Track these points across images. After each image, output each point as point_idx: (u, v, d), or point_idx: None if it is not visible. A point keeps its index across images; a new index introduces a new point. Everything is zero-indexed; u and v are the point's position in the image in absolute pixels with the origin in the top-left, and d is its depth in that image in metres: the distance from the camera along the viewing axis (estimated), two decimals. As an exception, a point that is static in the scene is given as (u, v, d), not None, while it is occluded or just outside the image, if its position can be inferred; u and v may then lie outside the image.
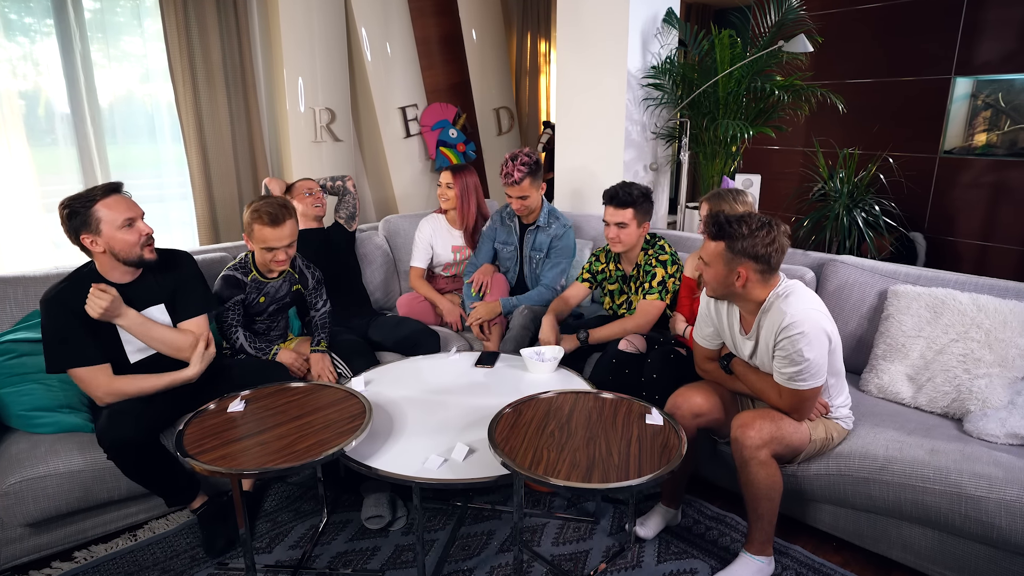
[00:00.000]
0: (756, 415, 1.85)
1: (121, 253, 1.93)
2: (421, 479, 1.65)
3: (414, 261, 3.08)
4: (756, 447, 1.80)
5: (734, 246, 1.77)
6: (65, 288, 1.92)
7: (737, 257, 1.77)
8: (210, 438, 1.68)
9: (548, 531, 2.13)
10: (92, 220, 1.87)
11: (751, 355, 1.93)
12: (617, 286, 2.62)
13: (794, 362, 1.76)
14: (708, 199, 2.27)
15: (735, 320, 1.96)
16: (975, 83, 3.91)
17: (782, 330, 1.76)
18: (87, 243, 1.90)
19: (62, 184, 3.26)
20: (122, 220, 1.90)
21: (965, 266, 4.06)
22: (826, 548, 2.07)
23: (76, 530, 2.03)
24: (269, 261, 2.31)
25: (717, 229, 1.80)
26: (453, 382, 2.22)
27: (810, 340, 1.73)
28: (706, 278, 1.87)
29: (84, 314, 1.90)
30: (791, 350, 1.75)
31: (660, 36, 3.48)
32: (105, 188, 1.92)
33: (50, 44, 3.14)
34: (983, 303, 2.12)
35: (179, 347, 2.03)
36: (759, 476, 1.81)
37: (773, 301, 1.82)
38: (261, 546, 2.07)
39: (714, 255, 1.81)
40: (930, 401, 2.13)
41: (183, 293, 2.10)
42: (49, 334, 1.89)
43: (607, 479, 1.50)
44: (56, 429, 2.02)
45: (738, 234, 1.76)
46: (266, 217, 2.23)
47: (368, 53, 3.98)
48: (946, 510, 1.75)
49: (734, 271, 1.79)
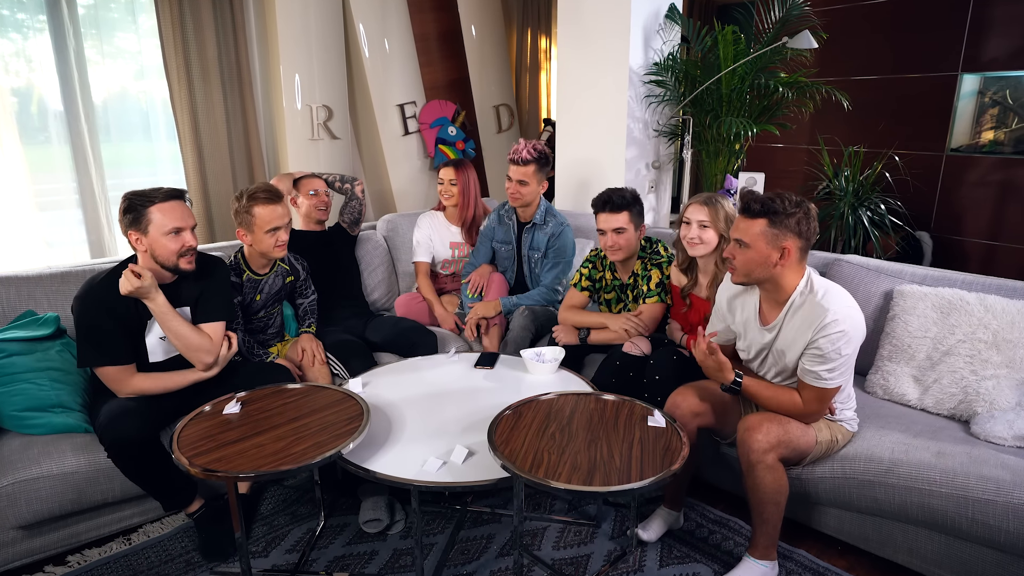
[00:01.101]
0: (763, 418, 1.84)
1: (160, 257, 1.97)
2: (420, 482, 1.65)
3: (419, 257, 3.07)
4: (763, 450, 1.79)
5: (779, 221, 1.74)
6: (101, 286, 1.96)
7: (782, 233, 1.75)
8: (206, 440, 1.68)
9: (549, 535, 2.13)
10: (144, 219, 1.93)
11: (766, 349, 1.92)
12: (614, 295, 2.59)
13: (828, 359, 1.76)
14: (704, 203, 2.21)
15: (752, 311, 1.94)
16: (982, 80, 3.91)
17: (822, 327, 1.74)
18: (133, 240, 1.96)
19: (55, 183, 3.26)
20: (171, 227, 1.95)
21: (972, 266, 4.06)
22: (831, 552, 2.07)
23: (69, 533, 2.02)
24: (272, 246, 2.33)
25: (760, 206, 1.75)
26: (452, 384, 2.22)
27: (850, 338, 1.75)
28: (741, 261, 1.81)
29: (117, 311, 1.95)
30: (829, 348, 1.74)
31: (662, 32, 3.48)
32: (167, 192, 1.98)
33: (43, 40, 3.13)
34: (991, 303, 2.12)
35: (194, 345, 2.05)
36: (765, 480, 1.81)
37: (807, 297, 1.80)
38: (257, 550, 2.07)
39: (756, 234, 1.77)
40: (936, 403, 2.13)
41: (207, 297, 2.14)
42: (83, 331, 1.94)
43: (608, 482, 1.50)
44: (49, 430, 2.02)
45: (781, 209, 1.74)
46: (264, 195, 2.31)
47: (366, 49, 3.98)
48: (953, 513, 1.75)
49: (778, 248, 1.76)
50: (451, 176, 3.00)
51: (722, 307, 2.05)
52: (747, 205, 1.78)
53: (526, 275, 2.97)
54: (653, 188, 3.68)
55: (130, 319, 1.99)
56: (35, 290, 2.31)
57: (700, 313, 2.31)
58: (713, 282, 2.25)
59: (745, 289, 1.98)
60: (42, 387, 2.06)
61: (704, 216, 2.19)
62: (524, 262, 2.95)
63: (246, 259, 2.43)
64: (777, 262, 1.78)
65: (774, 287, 1.85)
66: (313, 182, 2.84)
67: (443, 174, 3.03)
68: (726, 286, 2.04)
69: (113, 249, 3.41)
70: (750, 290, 1.97)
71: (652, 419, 1.79)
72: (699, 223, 2.19)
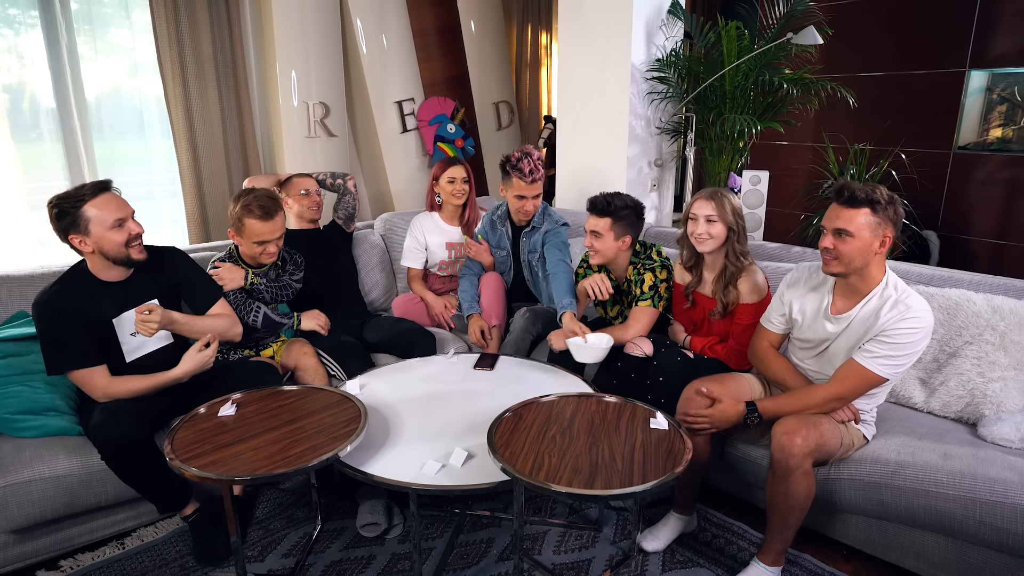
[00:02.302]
0: (800, 422, 1.82)
1: (110, 253, 1.95)
2: (418, 485, 1.65)
3: (408, 262, 3.07)
4: (803, 455, 1.78)
5: (880, 211, 1.77)
6: (57, 291, 1.94)
7: (884, 222, 1.78)
8: (200, 443, 1.69)
9: (549, 539, 2.13)
10: (81, 220, 1.89)
11: (830, 340, 1.93)
12: (610, 298, 2.58)
13: (898, 347, 1.79)
14: (710, 198, 2.19)
15: (824, 303, 1.95)
16: (990, 76, 3.91)
17: (903, 320, 1.78)
18: (76, 243, 1.93)
19: (47, 181, 3.26)
20: (112, 220, 1.92)
21: (980, 266, 4.06)
22: (836, 557, 2.07)
23: (62, 538, 2.03)
24: (259, 255, 2.38)
25: (864, 195, 1.77)
26: (451, 385, 2.22)
27: (921, 338, 1.80)
28: (845, 251, 1.80)
29: (78, 315, 1.93)
30: (904, 340, 1.78)
31: (665, 28, 3.48)
32: (94, 187, 1.93)
33: (35, 36, 3.14)
34: (998, 304, 2.12)
35: (223, 332, 2.19)
36: (800, 486, 1.80)
37: (891, 295, 1.83)
38: (253, 554, 2.07)
39: (862, 224, 1.77)
40: (943, 405, 2.13)
41: (191, 288, 2.19)
42: (45, 338, 1.92)
43: (610, 485, 1.50)
44: (42, 433, 2.02)
45: (880, 198, 1.76)
46: (258, 211, 2.29)
47: (363, 45, 3.99)
48: (960, 516, 1.75)
49: (879, 237, 1.79)
50: (463, 174, 3.00)
51: (782, 296, 2.05)
52: (852, 195, 1.79)
53: (527, 279, 2.95)
54: (655, 186, 3.68)
55: (93, 321, 1.97)
56: (28, 290, 2.31)
57: (704, 311, 2.31)
58: (721, 277, 2.23)
59: (812, 280, 2.00)
60: (36, 389, 2.06)
61: (711, 210, 2.18)
62: (524, 266, 2.92)
63: (239, 254, 2.45)
64: (877, 251, 1.81)
65: (859, 278, 1.86)
66: (304, 182, 2.84)
67: (455, 172, 2.99)
68: (791, 276, 2.06)
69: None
70: (819, 281, 1.99)
71: (654, 421, 1.79)
72: (706, 218, 2.18)
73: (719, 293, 2.23)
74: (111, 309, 2.01)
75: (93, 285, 1.99)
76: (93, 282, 1.99)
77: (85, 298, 1.96)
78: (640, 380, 2.25)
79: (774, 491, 1.84)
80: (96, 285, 2.00)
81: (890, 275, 1.87)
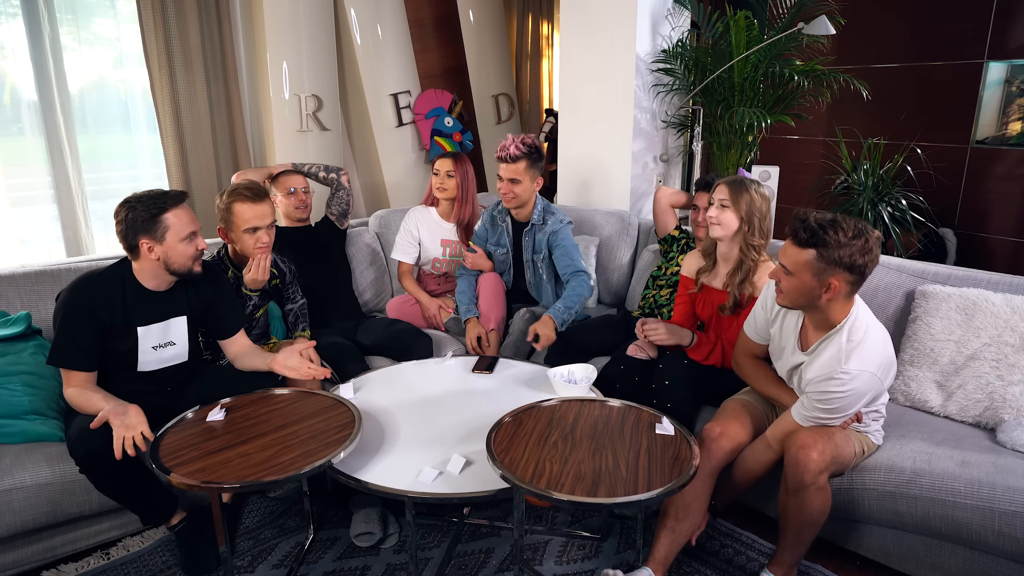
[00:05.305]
0: (815, 435, 1.81)
1: (174, 264, 1.99)
2: (414, 493, 1.65)
3: (399, 255, 3.03)
4: (819, 471, 1.77)
5: (828, 255, 1.68)
6: (92, 288, 1.96)
7: (830, 267, 1.69)
8: (188, 449, 1.69)
9: (551, 549, 2.13)
10: (159, 226, 1.93)
11: (796, 368, 1.92)
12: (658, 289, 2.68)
13: (821, 410, 1.79)
14: (728, 184, 2.18)
15: (792, 331, 1.93)
16: (1009, 68, 3.91)
17: (829, 379, 1.75)
18: (144, 247, 1.94)
19: (29, 176, 3.25)
20: (187, 232, 1.97)
21: (999, 264, 4.06)
22: (849, 568, 2.07)
23: (44, 548, 2.02)
24: (253, 246, 2.35)
25: (809, 235, 1.69)
26: (449, 389, 2.22)
27: (850, 401, 1.77)
28: (785, 287, 1.79)
29: (103, 320, 1.95)
30: (826, 398, 1.77)
31: (671, 18, 3.48)
32: (176, 196, 1.99)
33: (16, 26, 3.13)
34: (1018, 304, 2.12)
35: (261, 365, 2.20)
36: (815, 502, 1.79)
37: (844, 336, 1.78)
38: (243, 564, 2.07)
39: (801, 264, 1.72)
40: (961, 410, 2.13)
41: (222, 309, 2.20)
42: (62, 329, 1.93)
43: (614, 493, 1.50)
44: (22, 439, 2.02)
45: (833, 241, 1.67)
46: (247, 192, 2.32)
47: (357, 36, 3.99)
48: (978, 526, 1.75)
49: (824, 283, 1.72)
50: (448, 167, 2.95)
51: (766, 303, 2.02)
52: (796, 232, 1.73)
53: (528, 281, 2.93)
54: (661, 182, 3.68)
55: (118, 326, 1.99)
56: (7, 290, 2.31)
57: (711, 306, 2.29)
58: (737, 271, 2.21)
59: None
60: (15, 392, 2.06)
61: (725, 195, 2.17)
62: (526, 267, 2.91)
63: (230, 258, 2.43)
64: (822, 295, 1.74)
65: (820, 316, 1.82)
66: (292, 179, 2.82)
67: (440, 165, 2.97)
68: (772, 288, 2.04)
69: (90, 247, 3.41)
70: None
71: (660, 427, 1.79)
72: (720, 201, 2.17)
73: (733, 288, 2.22)
74: (142, 318, 2.03)
75: (132, 291, 2.01)
76: (133, 287, 2.01)
77: (118, 303, 1.98)
78: (645, 383, 2.25)
79: (787, 505, 1.83)
80: (135, 291, 2.02)
81: (853, 318, 1.80)
